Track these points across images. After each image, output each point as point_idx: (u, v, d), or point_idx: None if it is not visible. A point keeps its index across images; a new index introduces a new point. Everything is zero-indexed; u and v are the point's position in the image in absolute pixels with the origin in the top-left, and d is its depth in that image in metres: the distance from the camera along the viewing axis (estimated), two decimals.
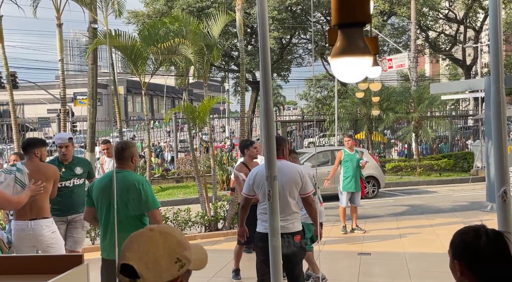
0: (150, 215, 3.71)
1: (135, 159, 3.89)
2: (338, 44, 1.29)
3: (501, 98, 3.58)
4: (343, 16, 1.27)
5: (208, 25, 9.02)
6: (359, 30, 1.28)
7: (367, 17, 1.27)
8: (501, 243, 1.69)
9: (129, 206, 3.71)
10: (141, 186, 3.70)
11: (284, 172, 4.27)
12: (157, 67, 8.55)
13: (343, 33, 1.27)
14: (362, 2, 1.26)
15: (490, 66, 3.65)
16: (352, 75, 1.34)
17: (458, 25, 28.91)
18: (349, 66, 1.29)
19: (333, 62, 1.30)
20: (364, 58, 1.28)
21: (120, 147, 3.86)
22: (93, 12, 8.30)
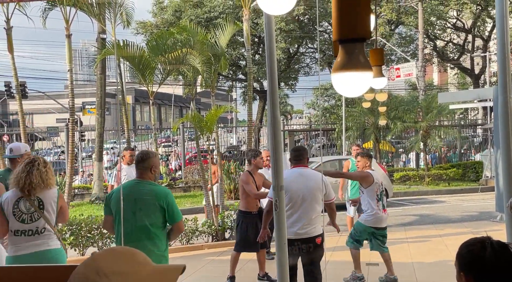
0: (175, 226, 3.81)
1: (155, 170, 3.89)
2: (339, 59, 1.32)
3: (508, 108, 3.57)
4: (344, 31, 1.29)
5: (215, 35, 9.10)
6: (360, 45, 1.31)
7: (368, 33, 1.30)
8: (506, 254, 1.69)
9: (149, 217, 3.72)
10: (166, 198, 3.74)
11: (310, 178, 4.62)
12: (165, 77, 8.62)
13: (343, 49, 1.31)
14: (362, 17, 1.28)
15: (498, 76, 3.64)
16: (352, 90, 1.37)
17: (466, 34, 28.86)
18: (350, 81, 1.32)
19: (334, 77, 1.33)
20: (364, 73, 1.32)
21: (140, 157, 3.88)
22: (102, 22, 8.40)
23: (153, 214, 3.72)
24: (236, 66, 26.40)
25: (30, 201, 3.64)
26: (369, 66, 1.32)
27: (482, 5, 25.55)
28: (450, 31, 29.79)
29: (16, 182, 3.61)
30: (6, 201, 3.67)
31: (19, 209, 3.64)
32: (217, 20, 20.56)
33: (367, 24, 1.28)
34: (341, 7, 1.27)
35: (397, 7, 24.77)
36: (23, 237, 3.66)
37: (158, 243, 3.77)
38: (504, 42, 3.52)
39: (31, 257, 3.64)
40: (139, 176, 3.86)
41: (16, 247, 3.67)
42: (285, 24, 23.53)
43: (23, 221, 3.65)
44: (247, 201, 6.16)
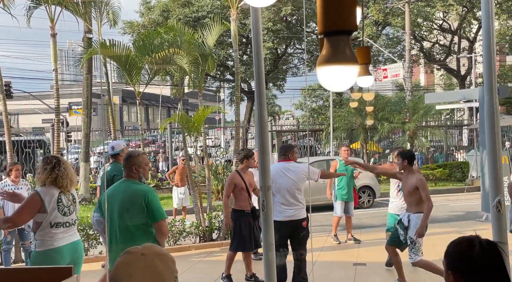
0: (156, 226, 3.73)
1: (138, 169, 3.90)
2: (324, 52, 1.26)
3: (494, 108, 3.59)
4: (329, 23, 1.24)
5: (203, 35, 9.05)
6: (346, 38, 1.25)
7: (354, 25, 1.25)
8: (494, 253, 1.68)
9: (133, 216, 3.71)
10: (146, 196, 3.71)
11: (292, 171, 5.46)
12: (152, 77, 8.54)
13: (329, 41, 1.25)
14: (348, 9, 1.23)
15: (484, 76, 3.66)
16: (338, 84, 1.31)
17: (452, 36, 29.14)
18: (335, 74, 1.26)
19: (319, 71, 1.28)
20: (350, 67, 1.26)
21: (124, 157, 3.98)
22: (88, 22, 8.30)
23: (134, 214, 3.69)
24: (224, 67, 26.34)
25: (68, 195, 4.02)
26: (355, 59, 1.27)
27: (468, 7, 25.83)
28: (437, 33, 30.06)
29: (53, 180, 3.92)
30: (49, 196, 3.92)
31: (62, 203, 3.96)
32: (205, 20, 20.48)
33: (353, 16, 1.23)
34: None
35: (384, 8, 24.92)
36: (61, 229, 3.98)
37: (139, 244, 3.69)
38: (489, 43, 3.53)
39: (70, 247, 4.02)
40: (125, 175, 3.90)
41: (55, 239, 3.94)
42: (272, 24, 23.53)
43: (64, 214, 3.97)
44: (240, 200, 6.22)
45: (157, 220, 3.71)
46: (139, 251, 1.27)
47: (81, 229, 7.90)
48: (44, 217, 3.90)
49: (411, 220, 5.48)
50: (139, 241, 3.65)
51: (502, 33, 25.84)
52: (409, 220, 5.50)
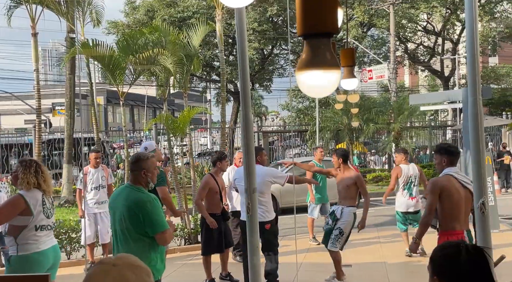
0: (157, 237, 3.48)
1: (147, 174, 3.59)
2: (304, 56, 1.19)
3: (478, 110, 3.60)
4: (309, 26, 1.17)
5: (188, 35, 8.97)
6: (326, 41, 1.18)
7: (335, 27, 1.18)
8: (481, 258, 1.67)
9: (131, 226, 3.50)
10: (144, 207, 3.44)
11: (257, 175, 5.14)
12: (136, 77, 8.44)
13: (308, 45, 1.18)
14: (329, 11, 1.16)
15: (467, 78, 3.67)
16: (318, 90, 1.23)
17: (436, 37, 29.44)
18: (315, 80, 1.18)
19: (298, 76, 1.19)
20: (331, 72, 1.18)
21: (131, 160, 3.71)
22: (70, 21, 8.17)
23: (130, 223, 3.48)
24: (210, 67, 26.23)
25: (48, 198, 4.03)
26: (337, 64, 1.19)
27: (452, 9, 26.13)
28: (421, 34, 30.35)
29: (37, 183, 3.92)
30: (34, 199, 3.89)
31: (46, 206, 3.97)
32: (190, 20, 20.38)
33: (334, 18, 1.17)
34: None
35: (369, 9, 25.08)
36: (45, 231, 3.97)
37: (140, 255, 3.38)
38: (473, 44, 3.54)
39: (53, 250, 4.03)
40: (130, 180, 3.67)
41: (40, 242, 3.93)
42: (258, 24, 23.51)
43: (48, 216, 3.98)
44: (212, 204, 6.27)
45: (155, 232, 3.44)
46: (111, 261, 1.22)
47: (64, 232, 7.77)
48: (29, 220, 3.84)
49: (344, 213, 5.99)
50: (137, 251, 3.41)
51: (485, 35, 26.18)
52: (341, 213, 6.01)
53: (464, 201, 4.17)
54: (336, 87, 1.25)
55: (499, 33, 28.05)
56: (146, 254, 3.47)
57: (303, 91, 1.25)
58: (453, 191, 4.14)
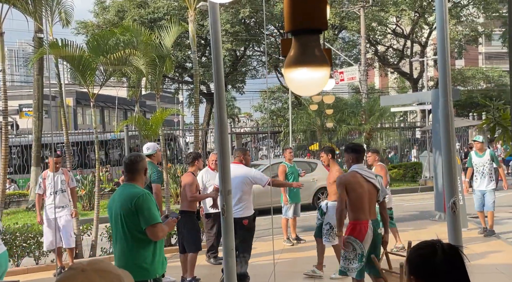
0: (148, 231, 3.47)
1: (147, 172, 3.74)
2: (292, 53, 1.14)
3: (449, 111, 3.67)
4: (298, 21, 1.12)
5: (160, 36, 8.87)
6: (316, 37, 1.14)
7: (325, 24, 1.14)
8: (457, 257, 1.69)
9: (127, 222, 3.51)
10: (136, 200, 3.46)
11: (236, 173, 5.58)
12: (107, 78, 8.28)
13: (297, 41, 1.13)
14: (319, 6, 1.12)
15: (439, 80, 3.74)
16: (308, 88, 1.18)
17: (405, 40, 30.05)
18: (306, 78, 1.14)
19: (287, 74, 1.14)
20: (322, 69, 1.14)
21: (133, 160, 3.65)
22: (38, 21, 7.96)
23: (128, 219, 3.49)
24: (182, 68, 26.04)
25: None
26: (326, 61, 1.15)
27: (420, 12, 26.72)
28: (390, 37, 30.93)
29: None
30: None
31: None
32: (161, 21, 20.18)
33: (323, 14, 1.13)
34: None
35: (340, 12, 25.40)
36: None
37: (135, 252, 3.49)
38: (444, 46, 3.61)
39: (4, 255, 4.00)
40: (129, 179, 3.62)
41: None
42: (231, 26, 23.48)
43: None
44: (191, 201, 6.38)
45: (148, 224, 3.45)
46: (81, 266, 1.18)
47: (32, 236, 7.57)
48: None
49: (329, 207, 6.20)
50: (132, 248, 3.49)
51: (452, 38, 26.88)
52: (327, 207, 6.25)
53: (368, 194, 4.63)
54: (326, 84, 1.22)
55: (465, 36, 28.86)
56: (140, 251, 3.50)
57: (291, 89, 1.20)
58: (357, 186, 4.61)
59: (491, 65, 39.70)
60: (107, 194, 15.20)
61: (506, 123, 4.86)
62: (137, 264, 3.47)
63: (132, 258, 3.48)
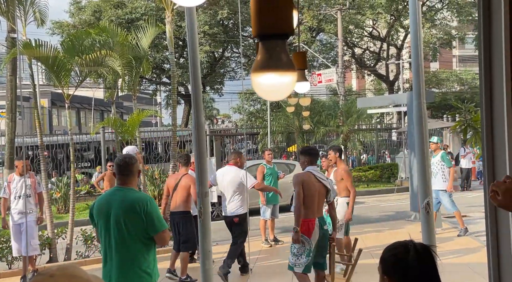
0: (157, 237, 3.37)
1: (139, 175, 3.62)
2: (259, 58, 1.16)
3: (422, 113, 3.75)
4: (264, 26, 1.14)
5: (137, 37, 8.80)
6: (282, 42, 1.16)
7: (291, 29, 1.16)
8: (428, 256, 1.73)
9: (130, 228, 3.34)
10: (145, 207, 3.32)
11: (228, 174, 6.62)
12: (82, 79, 8.16)
13: (264, 46, 1.15)
14: (284, 11, 1.14)
15: (412, 82, 3.81)
16: (274, 93, 1.20)
17: (382, 43, 30.49)
18: (271, 82, 1.16)
19: (253, 78, 1.16)
20: (287, 74, 1.16)
21: (128, 162, 3.46)
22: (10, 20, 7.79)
23: (132, 224, 3.33)
24: (160, 69, 25.86)
25: None
26: (293, 66, 1.18)
27: (395, 16, 27.16)
28: (367, 39, 31.34)
29: None
30: None
31: None
32: (139, 22, 19.99)
33: (290, 19, 1.15)
34: None
35: (318, 14, 25.62)
36: None
37: (139, 257, 3.37)
38: (417, 50, 3.69)
39: None
40: (122, 183, 3.46)
41: None
42: (209, 27, 23.43)
43: None
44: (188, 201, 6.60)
45: (158, 231, 3.34)
46: (49, 272, 1.15)
47: (5, 241, 7.41)
48: None
49: (339, 203, 6.50)
50: (136, 254, 3.36)
51: (426, 41, 27.39)
52: (336, 203, 6.42)
53: (318, 194, 5.00)
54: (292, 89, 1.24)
55: (439, 40, 29.45)
56: (145, 257, 3.40)
57: (258, 94, 1.21)
58: (310, 185, 4.97)
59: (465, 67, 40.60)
60: (82, 197, 14.97)
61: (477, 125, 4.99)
62: (142, 269, 3.38)
63: (138, 264, 3.36)
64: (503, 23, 1.75)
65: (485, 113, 1.84)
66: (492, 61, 1.84)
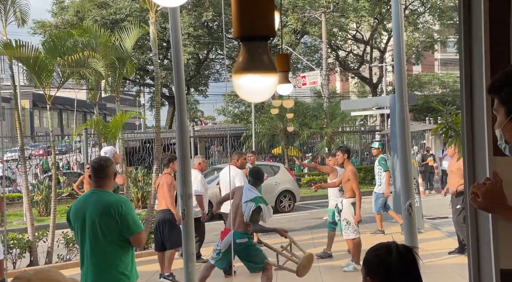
0: (133, 239, 3.35)
1: (114, 178, 3.57)
2: (240, 60, 1.17)
3: (405, 115, 3.79)
4: (245, 28, 1.15)
5: (120, 38, 8.73)
6: (263, 44, 1.17)
7: (272, 30, 1.17)
8: (410, 257, 1.75)
9: (105, 230, 3.32)
10: (119, 209, 3.31)
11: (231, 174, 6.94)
12: (64, 80, 8.06)
13: (245, 48, 1.16)
14: (266, 13, 1.15)
15: (395, 85, 3.85)
16: (255, 95, 1.21)
17: (365, 46, 30.77)
18: (252, 84, 1.17)
19: (235, 80, 1.17)
20: (269, 76, 1.18)
21: (103, 164, 3.45)
22: None
23: (106, 227, 3.31)
24: (144, 71, 25.69)
25: None
26: (274, 68, 1.19)
27: (379, 19, 27.44)
28: (351, 42, 31.58)
29: None
30: None
31: None
32: (123, 23, 19.84)
33: (271, 21, 1.16)
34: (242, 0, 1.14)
35: (302, 17, 25.74)
36: None
37: (115, 260, 3.34)
38: (400, 54, 3.73)
39: None
40: (97, 185, 3.44)
41: None
42: (194, 29, 23.37)
43: None
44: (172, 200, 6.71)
45: (133, 233, 3.33)
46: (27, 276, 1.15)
47: None
48: None
49: (343, 204, 6.85)
50: (112, 257, 3.34)
51: (409, 44, 27.73)
52: (342, 204, 6.90)
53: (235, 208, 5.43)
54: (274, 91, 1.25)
55: (422, 43, 29.83)
56: (121, 259, 3.38)
57: (240, 96, 1.22)
58: None
59: (447, 71, 41.19)
60: (64, 199, 14.77)
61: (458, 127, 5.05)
62: (120, 272, 3.36)
63: (115, 267, 3.35)
64: (483, 27, 1.78)
65: (465, 116, 1.87)
66: (473, 64, 1.87)
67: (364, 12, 25.67)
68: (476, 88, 1.85)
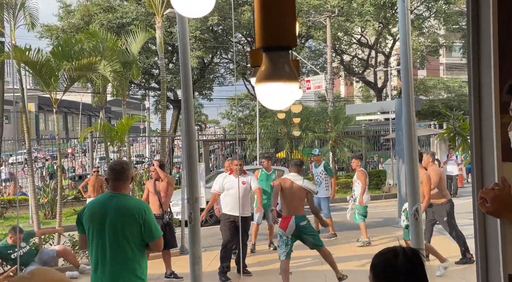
0: (153, 244, 3.38)
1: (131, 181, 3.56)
2: (263, 69, 1.22)
3: (411, 120, 3.80)
4: (269, 38, 1.20)
5: (127, 42, 8.78)
6: (285, 54, 1.22)
7: (294, 41, 1.22)
8: (417, 259, 1.77)
9: (128, 234, 3.29)
10: (142, 214, 3.31)
11: None
12: (70, 84, 8.12)
13: (268, 57, 1.21)
14: (289, 24, 1.19)
15: (402, 90, 3.86)
16: (277, 102, 1.28)
17: (370, 50, 30.76)
18: (275, 92, 1.23)
19: (257, 88, 1.23)
20: (291, 84, 1.23)
21: (121, 167, 3.42)
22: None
23: (129, 231, 3.29)
24: (149, 75, 25.79)
25: None
26: (295, 76, 1.23)
27: (384, 23, 27.44)
28: (355, 47, 31.58)
29: None
30: None
31: None
32: (130, 27, 19.95)
33: (293, 31, 1.20)
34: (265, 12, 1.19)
35: (307, 21, 25.78)
36: None
37: (134, 264, 3.33)
38: (407, 58, 3.74)
39: None
40: (115, 189, 3.40)
41: None
42: (200, 33, 23.46)
43: None
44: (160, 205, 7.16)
45: (155, 238, 3.36)
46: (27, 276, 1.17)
47: None
48: None
49: None
50: (132, 261, 3.33)
51: (414, 49, 27.70)
52: None
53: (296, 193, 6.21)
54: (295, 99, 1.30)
55: (427, 47, 29.80)
56: (139, 263, 3.37)
57: (262, 103, 1.29)
58: (286, 187, 6.20)
59: (452, 75, 41.11)
60: (70, 202, 14.81)
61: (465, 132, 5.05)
62: (138, 276, 3.36)
63: (133, 271, 3.34)
64: (491, 30, 1.79)
65: (474, 121, 1.87)
66: (481, 68, 1.87)
67: (369, 16, 25.68)
68: (484, 93, 1.85)
